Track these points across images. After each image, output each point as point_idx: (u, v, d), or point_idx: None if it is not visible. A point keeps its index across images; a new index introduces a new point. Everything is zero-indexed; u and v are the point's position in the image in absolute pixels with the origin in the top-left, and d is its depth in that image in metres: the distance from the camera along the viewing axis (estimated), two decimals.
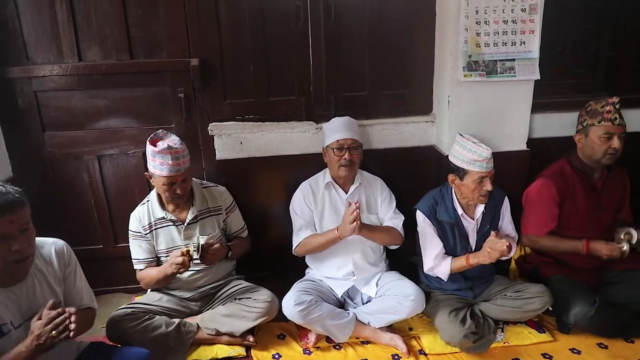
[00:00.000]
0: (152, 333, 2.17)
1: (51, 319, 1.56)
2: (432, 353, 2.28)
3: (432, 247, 2.34)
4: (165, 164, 2.14)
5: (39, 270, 1.72)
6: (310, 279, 2.50)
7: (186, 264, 2.13)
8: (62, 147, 2.57)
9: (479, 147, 2.22)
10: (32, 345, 1.55)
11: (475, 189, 2.24)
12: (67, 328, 1.57)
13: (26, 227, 1.57)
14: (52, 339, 1.55)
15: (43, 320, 1.56)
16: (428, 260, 2.36)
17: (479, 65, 2.47)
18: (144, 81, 2.52)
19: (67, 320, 1.57)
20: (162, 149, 2.13)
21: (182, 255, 2.11)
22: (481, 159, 2.19)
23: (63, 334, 1.56)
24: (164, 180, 2.17)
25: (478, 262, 2.25)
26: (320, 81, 2.64)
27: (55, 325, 1.55)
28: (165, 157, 2.13)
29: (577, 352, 2.28)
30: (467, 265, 2.28)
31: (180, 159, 2.17)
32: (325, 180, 2.47)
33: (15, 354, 1.56)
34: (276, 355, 2.30)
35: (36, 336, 1.55)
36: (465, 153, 2.24)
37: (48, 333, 1.54)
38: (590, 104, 2.41)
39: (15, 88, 2.45)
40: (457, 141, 2.31)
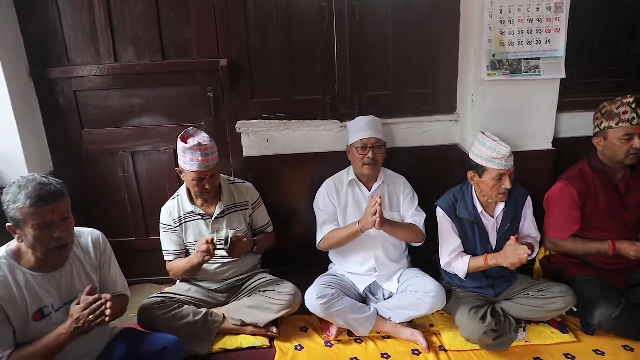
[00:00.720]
0: (180, 321, 2.26)
1: (89, 304, 1.67)
2: (452, 349, 2.29)
3: (449, 242, 2.36)
4: (195, 160, 2.23)
5: (77, 258, 1.84)
6: (333, 274, 2.55)
7: (211, 252, 2.20)
8: (99, 144, 2.71)
9: (498, 145, 2.22)
10: (72, 327, 1.66)
11: (494, 186, 2.25)
12: (103, 313, 1.67)
13: (67, 216, 1.68)
14: (89, 323, 1.66)
15: (82, 305, 1.68)
16: (444, 255, 2.38)
17: (503, 64, 2.47)
18: (175, 81, 2.63)
19: (103, 306, 1.67)
20: (192, 146, 2.22)
21: (207, 243, 2.19)
22: (500, 157, 2.20)
23: (99, 318, 1.67)
24: (194, 175, 2.26)
25: (497, 263, 2.25)
26: (344, 80, 2.69)
27: (92, 310, 1.66)
28: (195, 153, 2.23)
29: (601, 354, 2.25)
30: (485, 266, 2.29)
31: (210, 156, 2.26)
32: (349, 177, 2.51)
33: (56, 335, 1.68)
34: (298, 346, 2.36)
35: (75, 320, 1.66)
36: (485, 150, 2.25)
37: (86, 317, 1.66)
38: (605, 105, 2.38)
39: (57, 88, 2.60)
40: (478, 139, 2.33)
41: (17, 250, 1.71)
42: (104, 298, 1.70)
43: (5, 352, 1.63)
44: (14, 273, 1.67)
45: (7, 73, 2.35)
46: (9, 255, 1.69)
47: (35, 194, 1.59)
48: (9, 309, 1.64)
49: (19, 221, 1.60)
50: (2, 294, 1.63)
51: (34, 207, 1.58)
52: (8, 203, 1.60)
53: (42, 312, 1.72)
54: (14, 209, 1.59)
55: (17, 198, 1.58)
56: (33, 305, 1.69)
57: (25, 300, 1.68)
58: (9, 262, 1.68)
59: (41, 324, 1.71)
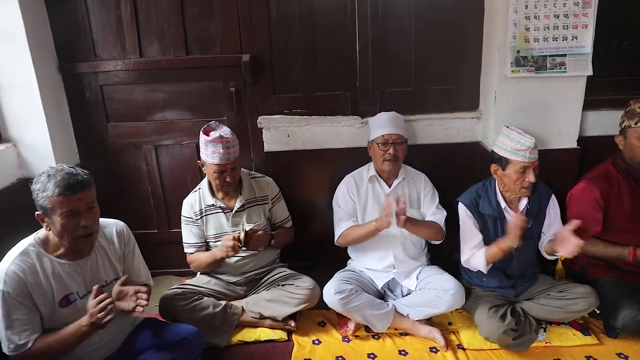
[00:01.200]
0: (200, 313, 2.30)
1: (99, 301, 1.69)
2: (471, 348, 2.28)
3: (470, 238, 2.34)
4: (216, 152, 2.26)
5: (101, 248, 1.89)
6: (351, 270, 2.56)
7: (236, 248, 2.24)
8: (124, 137, 2.77)
9: (522, 137, 2.20)
10: (89, 322, 1.70)
11: (518, 179, 2.21)
12: (112, 311, 1.68)
13: (92, 205, 1.73)
14: (100, 320, 1.67)
15: (93, 302, 1.70)
16: (465, 251, 2.35)
17: (527, 60, 2.44)
18: (198, 76, 2.67)
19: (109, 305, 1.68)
20: (214, 138, 2.26)
21: (233, 239, 2.22)
22: (524, 149, 2.17)
23: (107, 316, 1.67)
24: (215, 167, 2.29)
25: (507, 245, 2.16)
26: (366, 76, 2.69)
27: (100, 309, 1.67)
28: (217, 146, 2.26)
29: (624, 357, 2.21)
30: (499, 251, 2.20)
31: (231, 149, 2.29)
32: (369, 173, 2.51)
33: (76, 326, 1.72)
34: (316, 341, 2.37)
35: (90, 314, 1.69)
36: (509, 142, 2.22)
37: (96, 314, 1.67)
38: (630, 103, 2.33)
39: (84, 82, 2.66)
40: (502, 132, 2.30)
41: (45, 238, 1.77)
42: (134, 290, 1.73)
43: (32, 336, 1.68)
44: (41, 260, 1.73)
45: (37, 67, 2.42)
46: (37, 243, 1.75)
47: (64, 183, 1.64)
48: (36, 295, 1.70)
49: (47, 209, 1.65)
50: (30, 280, 1.68)
51: (62, 196, 1.63)
52: (37, 191, 1.65)
53: (67, 299, 1.77)
54: (43, 197, 1.64)
55: (46, 187, 1.64)
56: (59, 292, 1.75)
57: (51, 287, 1.73)
58: (37, 249, 1.73)
59: (67, 310, 1.77)
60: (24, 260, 1.69)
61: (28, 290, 1.68)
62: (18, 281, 1.66)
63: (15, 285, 1.65)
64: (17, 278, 1.66)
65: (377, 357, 2.25)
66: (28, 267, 1.69)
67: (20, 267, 1.67)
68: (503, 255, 2.22)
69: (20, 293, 1.66)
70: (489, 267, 2.30)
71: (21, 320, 1.67)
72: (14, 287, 1.65)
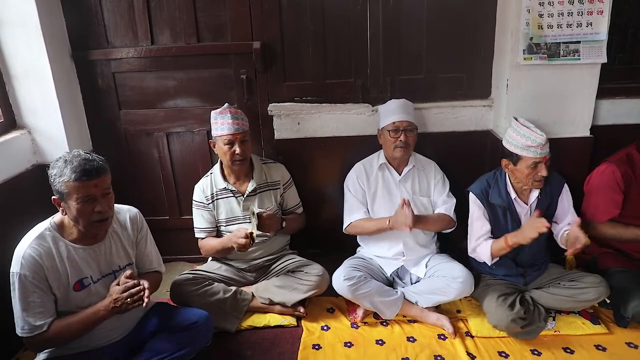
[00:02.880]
0: (210, 298, 2.34)
1: (128, 288, 1.74)
2: (479, 336, 2.28)
3: (477, 228, 2.33)
4: (225, 123, 2.30)
5: (115, 233, 1.92)
6: (360, 257, 2.57)
7: (247, 247, 2.26)
8: (136, 124, 2.79)
9: (532, 133, 2.17)
10: (110, 306, 1.75)
11: (530, 174, 2.20)
12: (141, 298, 1.74)
13: (108, 191, 1.76)
14: (126, 305, 1.74)
15: (121, 287, 1.75)
16: (471, 240, 2.35)
17: (540, 47, 2.40)
18: (209, 63, 2.67)
19: (142, 292, 1.74)
20: (222, 109, 2.33)
21: (246, 237, 2.23)
22: (535, 145, 2.15)
23: (136, 302, 1.74)
24: (225, 139, 2.32)
25: (517, 242, 2.17)
26: (377, 64, 2.67)
27: (130, 294, 1.73)
28: (225, 116, 2.30)
29: (634, 347, 2.20)
30: (506, 247, 2.20)
31: (239, 120, 2.34)
32: (380, 161, 2.51)
33: (94, 310, 1.77)
34: (325, 327, 2.40)
35: (114, 299, 1.74)
36: (519, 138, 2.20)
37: (124, 300, 1.73)
38: None
39: (96, 69, 2.68)
40: (512, 126, 2.28)
41: (61, 222, 1.80)
42: (142, 285, 1.77)
43: (47, 319, 1.72)
44: (57, 244, 1.76)
45: (51, 54, 2.44)
46: (53, 227, 1.78)
47: (80, 169, 1.66)
48: (51, 278, 1.73)
49: (63, 194, 1.68)
50: (46, 263, 1.72)
51: (78, 181, 1.66)
52: (54, 176, 1.68)
53: (82, 283, 1.81)
54: (60, 182, 1.67)
55: (63, 172, 1.66)
56: (73, 275, 1.78)
57: (66, 271, 1.77)
58: (52, 233, 1.76)
59: (81, 294, 1.80)
60: (40, 244, 1.72)
61: (44, 273, 1.71)
62: (35, 264, 1.69)
63: (32, 268, 1.69)
64: (34, 261, 1.69)
65: (385, 343, 2.27)
66: (44, 251, 1.72)
67: (36, 250, 1.71)
68: (509, 250, 2.22)
69: (37, 276, 1.70)
70: (494, 260, 2.31)
71: (37, 303, 1.71)
72: (30, 270, 1.69)
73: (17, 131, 2.50)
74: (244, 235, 2.23)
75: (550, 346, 2.22)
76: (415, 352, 2.20)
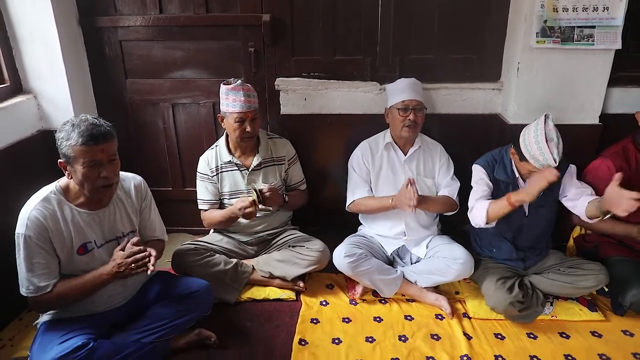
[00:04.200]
0: (211, 269, 2.36)
1: (133, 254, 1.76)
2: (476, 317, 2.31)
3: (478, 189, 2.28)
4: (237, 100, 2.28)
5: (119, 200, 1.93)
6: (362, 235, 2.58)
7: (253, 214, 2.27)
8: (142, 94, 2.77)
9: (548, 153, 2.03)
10: (113, 271, 1.77)
11: (531, 173, 2.15)
12: (145, 265, 1.76)
13: (114, 157, 1.76)
14: (130, 270, 1.76)
15: (126, 253, 1.77)
16: (471, 199, 2.29)
17: (554, 31, 2.37)
18: (218, 34, 2.64)
19: (146, 258, 1.76)
20: (235, 86, 2.28)
21: (251, 205, 2.24)
22: (545, 163, 2.06)
23: (140, 268, 1.76)
24: (236, 116, 2.30)
25: (521, 198, 2.07)
26: (387, 42, 2.64)
27: (135, 260, 1.76)
28: (237, 93, 2.28)
29: (629, 335, 2.22)
30: (509, 205, 2.09)
31: (251, 97, 2.32)
32: (385, 140, 2.50)
33: (98, 274, 1.79)
34: (324, 302, 2.42)
35: (117, 264, 1.76)
36: (535, 148, 2.07)
37: (128, 265, 1.75)
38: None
39: (104, 37, 2.66)
40: (537, 128, 2.09)
41: (66, 186, 1.80)
42: (149, 252, 1.79)
43: (51, 280, 1.74)
44: (62, 207, 1.77)
45: (58, 18, 2.42)
46: (58, 191, 1.79)
47: (87, 133, 1.66)
48: (56, 240, 1.75)
49: (70, 158, 1.68)
50: (51, 226, 1.73)
51: (85, 146, 1.66)
52: (61, 140, 1.68)
53: (85, 247, 1.82)
54: (67, 145, 1.67)
55: (70, 136, 1.66)
56: (77, 239, 1.80)
57: (70, 234, 1.78)
58: (57, 197, 1.77)
59: (84, 258, 1.82)
60: (45, 207, 1.73)
61: (49, 235, 1.73)
62: (39, 226, 1.70)
63: (36, 230, 1.70)
64: (39, 223, 1.70)
65: (383, 320, 2.30)
66: (49, 213, 1.73)
67: (41, 212, 1.72)
68: (510, 210, 2.11)
69: (41, 238, 1.71)
70: (490, 225, 2.21)
71: (41, 264, 1.72)
72: (35, 231, 1.70)
73: (23, 96, 2.50)
74: (249, 204, 2.24)
75: (546, 330, 2.24)
76: (412, 331, 2.23)
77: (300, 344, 2.13)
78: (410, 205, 2.21)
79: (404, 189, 2.27)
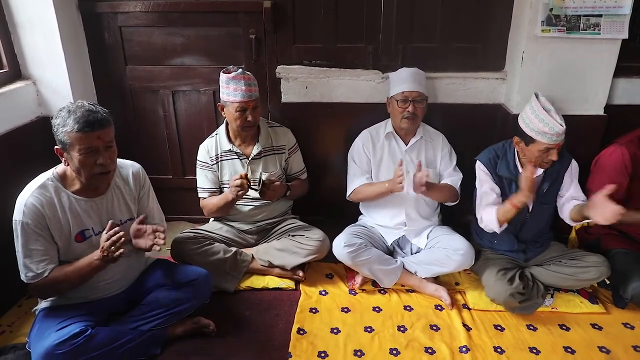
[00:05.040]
0: (210, 257, 2.35)
1: (109, 237, 1.72)
2: (476, 308, 2.30)
3: (485, 196, 2.29)
4: (238, 89, 2.26)
5: (117, 187, 1.92)
6: (362, 225, 2.57)
7: (245, 187, 2.23)
8: (141, 81, 2.75)
9: (551, 120, 2.05)
10: (100, 256, 1.74)
11: (540, 157, 2.14)
12: (122, 245, 1.72)
13: (110, 144, 1.74)
14: (112, 253, 1.72)
15: (104, 236, 1.73)
16: (479, 209, 2.32)
17: (559, 20, 2.32)
18: (218, 21, 2.61)
19: (121, 239, 1.71)
20: (236, 75, 2.26)
21: (241, 178, 2.21)
22: (552, 133, 2.06)
23: (119, 250, 1.71)
24: (237, 106, 2.28)
25: (519, 200, 2.10)
26: (389, 30, 2.60)
27: (112, 242, 1.70)
28: (238, 82, 2.25)
29: (630, 327, 2.21)
30: (512, 207, 2.12)
31: (252, 86, 2.29)
32: (387, 130, 2.47)
33: (89, 260, 1.77)
34: (323, 291, 2.42)
35: (101, 248, 1.74)
36: (537, 122, 2.09)
37: (108, 247, 1.71)
38: None
39: (103, 23, 2.63)
40: (531, 105, 2.15)
41: (63, 173, 1.80)
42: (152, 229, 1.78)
43: (49, 266, 1.74)
44: (59, 195, 1.76)
45: (57, 5, 2.39)
46: (55, 177, 1.78)
47: (83, 120, 1.64)
48: (53, 227, 1.74)
49: (66, 144, 1.67)
50: (48, 213, 1.72)
51: (81, 132, 1.64)
52: (57, 126, 1.67)
53: (83, 234, 1.82)
54: (63, 132, 1.65)
55: (66, 122, 1.65)
56: (75, 226, 1.79)
57: (68, 222, 1.77)
58: (55, 184, 1.76)
59: (82, 245, 1.82)
60: (42, 194, 1.72)
61: (46, 222, 1.72)
62: (36, 213, 1.70)
63: (33, 216, 1.69)
64: (36, 210, 1.70)
65: (382, 310, 2.29)
66: (46, 200, 1.72)
67: (38, 199, 1.71)
68: (516, 212, 2.15)
69: (38, 224, 1.70)
70: (502, 227, 2.24)
71: (39, 251, 1.72)
72: (32, 218, 1.69)
73: (22, 81, 2.48)
74: (239, 177, 2.21)
75: (546, 322, 2.23)
76: (411, 321, 2.22)
77: (298, 333, 2.13)
78: (399, 183, 2.19)
79: (396, 170, 2.24)
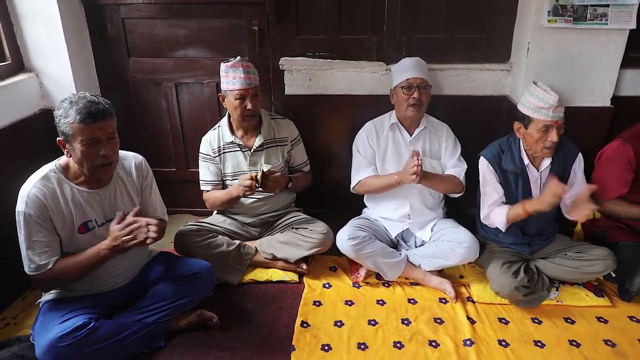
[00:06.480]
0: (214, 250, 2.35)
1: (128, 224, 1.74)
2: (480, 302, 2.29)
3: (490, 194, 2.28)
4: (237, 77, 2.25)
5: (120, 179, 1.91)
6: (366, 218, 2.55)
7: (253, 188, 2.23)
8: (144, 73, 2.74)
9: (546, 94, 2.09)
10: (110, 245, 1.75)
11: (540, 139, 2.13)
12: (138, 235, 1.73)
13: (113, 136, 1.74)
14: (126, 243, 1.73)
15: (121, 225, 1.75)
16: (484, 207, 2.31)
17: (566, 10, 2.29)
18: (221, 12, 2.59)
19: (140, 228, 1.73)
20: (234, 63, 2.26)
21: (251, 179, 2.22)
22: (547, 107, 2.07)
23: (134, 240, 1.73)
24: (236, 94, 2.28)
25: (536, 209, 2.13)
26: (393, 21, 2.57)
27: (129, 232, 1.73)
28: (237, 70, 2.25)
29: (636, 321, 2.19)
30: (524, 214, 2.16)
31: (251, 74, 2.29)
32: (391, 121, 2.45)
33: (97, 249, 1.78)
34: (327, 284, 2.41)
35: (114, 237, 1.74)
36: (532, 99, 2.13)
37: (122, 237, 1.73)
38: None
39: (106, 14, 2.62)
40: (528, 88, 2.19)
41: (66, 165, 1.79)
42: (146, 222, 1.76)
43: (52, 257, 1.74)
44: (61, 186, 1.76)
45: None
46: (58, 169, 1.77)
47: (85, 111, 1.64)
48: (56, 219, 1.74)
49: (68, 135, 1.66)
50: (51, 204, 1.72)
51: (83, 123, 1.64)
52: (59, 117, 1.66)
53: (86, 226, 1.81)
54: (65, 123, 1.65)
55: (68, 113, 1.64)
56: (78, 218, 1.79)
57: (71, 213, 1.77)
58: (57, 175, 1.76)
59: (85, 236, 1.81)
60: (45, 185, 1.72)
61: (49, 213, 1.71)
62: (39, 204, 1.69)
63: (36, 208, 1.69)
64: (39, 201, 1.69)
65: (386, 303, 2.29)
66: (49, 192, 1.72)
67: (41, 190, 1.70)
68: (526, 217, 2.18)
69: (41, 216, 1.70)
70: (507, 226, 2.26)
71: (42, 242, 1.72)
72: (35, 209, 1.69)
73: (24, 74, 2.47)
74: (249, 178, 2.21)
75: (551, 315, 2.21)
76: (415, 314, 2.21)
77: (302, 326, 2.12)
78: (414, 174, 2.16)
79: (409, 160, 2.23)
